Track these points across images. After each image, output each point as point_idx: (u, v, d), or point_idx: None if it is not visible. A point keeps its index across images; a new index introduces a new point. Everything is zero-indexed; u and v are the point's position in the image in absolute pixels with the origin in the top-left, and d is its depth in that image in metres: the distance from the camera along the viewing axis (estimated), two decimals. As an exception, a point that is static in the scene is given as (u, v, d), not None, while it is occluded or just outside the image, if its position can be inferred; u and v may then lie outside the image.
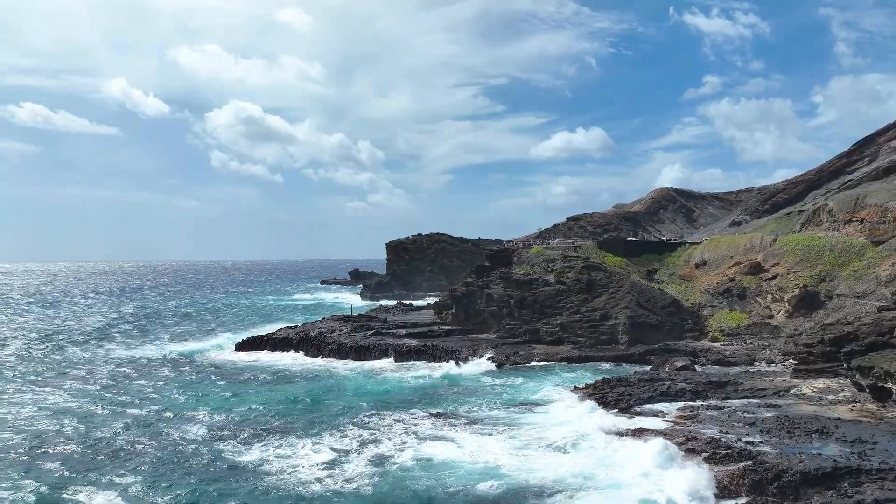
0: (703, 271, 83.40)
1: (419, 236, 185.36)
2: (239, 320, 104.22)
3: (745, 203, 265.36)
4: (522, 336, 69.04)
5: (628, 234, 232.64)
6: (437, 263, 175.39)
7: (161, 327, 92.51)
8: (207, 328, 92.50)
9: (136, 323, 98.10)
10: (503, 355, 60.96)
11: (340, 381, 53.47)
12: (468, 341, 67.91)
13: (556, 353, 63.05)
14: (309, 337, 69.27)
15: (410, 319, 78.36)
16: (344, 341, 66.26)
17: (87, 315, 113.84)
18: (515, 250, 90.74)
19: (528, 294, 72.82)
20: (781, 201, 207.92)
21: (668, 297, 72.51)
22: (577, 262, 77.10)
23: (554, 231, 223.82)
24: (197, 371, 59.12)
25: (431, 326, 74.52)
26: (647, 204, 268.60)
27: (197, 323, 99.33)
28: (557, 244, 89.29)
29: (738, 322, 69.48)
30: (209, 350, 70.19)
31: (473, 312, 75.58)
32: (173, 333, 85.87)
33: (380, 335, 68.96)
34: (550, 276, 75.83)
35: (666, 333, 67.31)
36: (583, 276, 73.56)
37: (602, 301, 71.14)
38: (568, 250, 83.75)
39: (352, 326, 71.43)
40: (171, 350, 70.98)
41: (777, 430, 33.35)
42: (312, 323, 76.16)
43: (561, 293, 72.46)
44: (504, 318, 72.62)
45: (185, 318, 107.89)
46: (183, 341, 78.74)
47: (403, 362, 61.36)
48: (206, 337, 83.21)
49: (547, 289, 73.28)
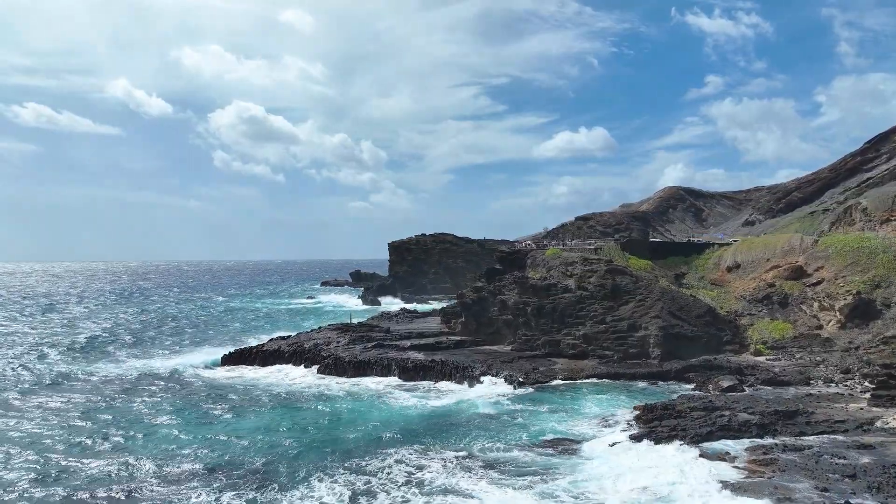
0: (737, 275, 75.97)
1: (423, 236, 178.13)
2: (231, 328, 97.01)
3: (754, 202, 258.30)
4: (541, 348, 61.74)
5: (639, 233, 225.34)
6: (442, 265, 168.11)
7: (148, 338, 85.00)
8: (197, 338, 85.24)
9: (124, 332, 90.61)
10: (521, 373, 53.66)
11: (335, 405, 46.15)
12: (480, 355, 60.63)
13: (581, 370, 55.74)
14: (303, 350, 62.07)
15: (416, 329, 71.09)
16: (342, 355, 59.02)
17: (79, 321, 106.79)
18: (529, 252, 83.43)
19: (547, 301, 65.52)
20: (796, 200, 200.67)
21: (702, 305, 65.13)
22: (600, 265, 69.75)
23: (562, 231, 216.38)
24: (175, 392, 51.95)
25: (439, 337, 67.22)
26: (656, 203, 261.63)
27: (186, 331, 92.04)
28: (576, 245, 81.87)
29: (782, 333, 62.08)
30: (194, 366, 62.90)
31: (485, 321, 68.27)
32: (160, 345, 78.60)
33: (381, 347, 61.71)
34: (570, 280, 68.52)
35: (703, 346, 59.96)
36: (607, 282, 66.23)
37: (629, 309, 63.79)
38: (587, 252, 76.38)
39: (350, 337, 64.17)
40: (154, 366, 63.75)
41: (889, 486, 26.04)
42: (307, 333, 68.91)
43: (583, 300, 65.13)
44: (520, 328, 65.32)
45: (175, 325, 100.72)
46: (169, 354, 71.54)
47: (408, 381, 54.11)
48: (193, 348, 76.08)
49: (567, 295, 65.95)
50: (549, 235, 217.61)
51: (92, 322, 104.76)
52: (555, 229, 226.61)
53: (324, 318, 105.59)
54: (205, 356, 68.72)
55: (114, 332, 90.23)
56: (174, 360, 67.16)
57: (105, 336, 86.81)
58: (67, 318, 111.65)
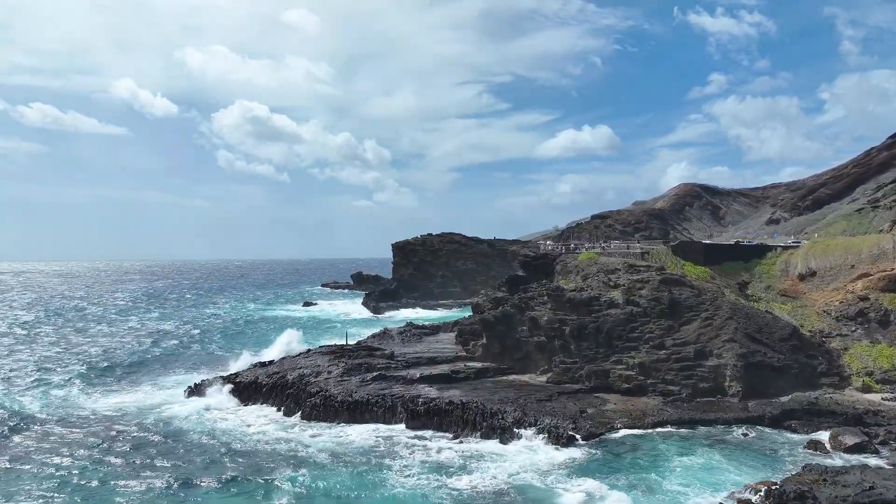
0: (813, 285, 63.01)
1: (429, 236, 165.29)
2: (213, 344, 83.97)
3: (772, 199, 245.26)
4: (585, 380, 48.99)
5: (659, 233, 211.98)
6: (451, 267, 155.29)
7: (116, 362, 70.84)
8: (171, 360, 72.16)
9: (91, 355, 77.17)
10: (567, 419, 40.86)
11: (315, 477, 33.24)
12: (510, 390, 47.87)
13: (643, 413, 42.96)
14: (285, 383, 49.35)
15: (425, 352, 58.27)
16: (333, 391, 46.25)
17: (58, 335, 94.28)
18: (558, 256, 70.58)
19: (589, 319, 52.68)
20: (824, 197, 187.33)
21: (785, 325, 52.23)
22: (651, 274, 56.90)
23: (578, 230, 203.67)
24: (119, 443, 39.42)
25: (455, 364, 54.43)
26: (672, 201, 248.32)
27: (157, 352, 78.16)
28: (616, 249, 68.93)
29: (892, 361, 49.17)
30: (156, 405, 50.09)
31: (512, 344, 55.47)
32: (124, 372, 65.20)
33: (384, 380, 48.93)
34: (615, 293, 55.68)
35: (792, 379, 47.14)
36: (662, 294, 53.39)
37: (694, 330, 50.95)
38: (632, 257, 63.48)
39: (345, 366, 51.31)
40: (107, 404, 50.97)
41: None
42: (293, 359, 56.09)
43: (634, 318, 52.29)
44: (556, 353, 52.53)
45: (149, 343, 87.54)
46: (130, 385, 58.63)
47: (418, 429, 41.40)
48: (162, 375, 63.40)
49: (614, 312, 53.10)
50: (563, 235, 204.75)
51: (56, 338, 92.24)
52: (570, 228, 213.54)
53: (318, 332, 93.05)
54: (169, 395, 56.14)
55: (80, 355, 76.86)
56: (137, 395, 54.32)
57: (73, 357, 74.14)
58: (44, 336, 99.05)
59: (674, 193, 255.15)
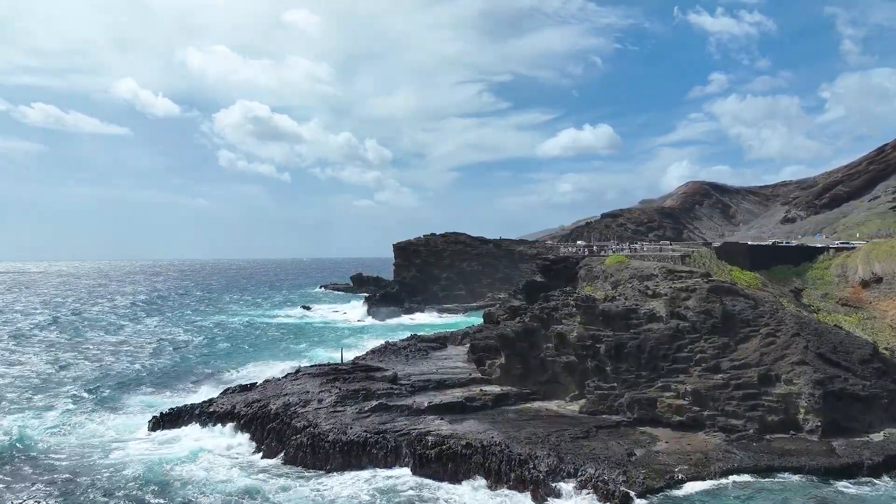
0: (880, 293, 54.81)
1: (432, 236, 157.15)
2: (193, 359, 75.51)
3: (782, 197, 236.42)
4: (626, 410, 40.88)
5: (673, 232, 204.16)
6: (455, 269, 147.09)
7: (83, 381, 62.57)
8: (144, 377, 63.89)
9: (55, 374, 68.90)
10: (615, 467, 32.69)
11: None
12: (537, 423, 39.74)
13: (706, 456, 34.80)
14: (267, 414, 41.21)
15: (434, 372, 50.09)
16: (324, 427, 38.11)
17: (48, 347, 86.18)
18: (581, 259, 62.40)
19: (628, 336, 44.52)
20: (842, 195, 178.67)
21: (864, 344, 44.06)
22: (696, 280, 48.68)
23: (588, 230, 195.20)
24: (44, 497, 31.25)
25: (469, 389, 46.26)
26: (681, 199, 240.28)
27: (135, 368, 69.98)
28: (650, 251, 60.72)
29: None
30: (109, 442, 41.99)
31: (536, 364, 47.30)
32: (86, 392, 57.01)
33: (385, 410, 40.78)
34: (655, 303, 47.47)
35: (882, 412, 38.95)
36: (713, 306, 45.19)
37: (754, 349, 42.74)
38: (670, 261, 55.27)
39: (340, 392, 43.12)
40: (51, 441, 42.86)
41: None
42: (279, 382, 47.87)
43: (681, 334, 44.09)
44: (589, 376, 44.37)
45: (129, 354, 79.66)
46: (91, 412, 50.40)
47: (427, 477, 33.32)
48: (125, 396, 55.27)
49: (656, 327, 44.91)
50: (572, 235, 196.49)
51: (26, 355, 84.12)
52: (578, 228, 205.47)
53: (313, 341, 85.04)
54: (133, 415, 48.12)
55: (61, 371, 68.08)
56: (93, 425, 46.21)
57: (36, 374, 66.02)
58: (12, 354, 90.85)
59: (682, 192, 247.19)
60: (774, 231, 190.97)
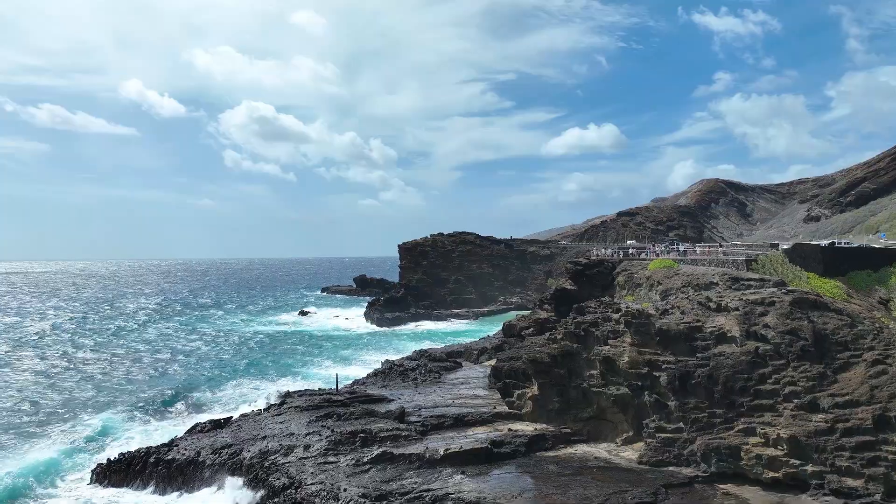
0: None
1: (440, 236, 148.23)
2: (168, 377, 66.33)
3: (800, 195, 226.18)
4: (700, 462, 31.73)
5: (693, 231, 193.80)
6: (464, 271, 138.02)
7: (43, 405, 54.07)
8: (103, 401, 55.04)
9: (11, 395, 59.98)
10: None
11: None
12: (585, 477, 30.61)
13: (826, 537, 25.58)
14: (238, 464, 32.17)
15: (449, 403, 40.93)
16: (310, 488, 29.01)
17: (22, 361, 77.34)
18: (618, 264, 53.27)
19: (695, 362, 35.33)
20: (868, 192, 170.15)
21: None
22: (774, 292, 39.47)
23: (603, 229, 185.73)
24: None
25: (495, 427, 37.17)
26: (696, 197, 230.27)
27: (87, 386, 61.01)
28: (702, 255, 51.42)
29: None
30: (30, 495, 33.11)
31: (577, 396, 38.14)
32: (34, 423, 48.26)
33: (390, 462, 31.69)
34: (722, 319, 38.26)
35: None
36: (800, 324, 35.96)
37: (860, 380, 33.48)
38: (732, 266, 46.01)
39: (333, 435, 34.03)
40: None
41: None
42: (258, 417, 38.77)
43: (762, 360, 34.90)
44: (647, 413, 35.24)
45: (101, 369, 70.82)
46: (27, 438, 41.57)
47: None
48: (82, 417, 46.47)
49: (728, 350, 35.73)
50: (586, 235, 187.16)
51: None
52: (593, 226, 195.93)
53: (310, 353, 76.15)
54: (81, 452, 39.19)
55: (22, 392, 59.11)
56: (22, 459, 37.38)
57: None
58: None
59: (697, 189, 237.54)
60: (798, 230, 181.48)
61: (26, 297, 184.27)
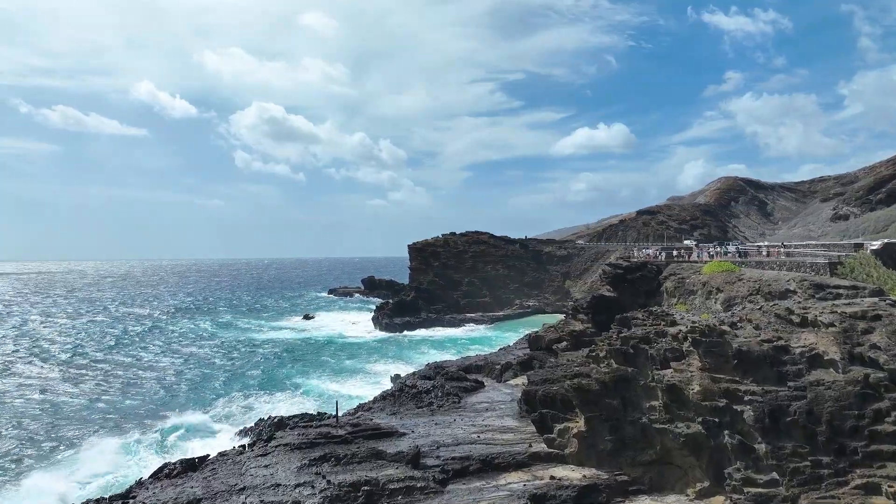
0: None
1: (452, 236, 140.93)
2: (148, 396, 59.31)
3: (821, 193, 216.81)
4: (807, 530, 24.12)
5: (717, 230, 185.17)
6: (478, 272, 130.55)
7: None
8: (70, 428, 48.14)
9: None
10: None
11: None
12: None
13: None
14: (205, 529, 24.91)
15: (475, 440, 33.53)
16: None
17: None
18: (664, 266, 45.65)
19: (786, 393, 27.78)
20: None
21: None
22: (876, 303, 31.84)
23: (622, 228, 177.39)
24: None
25: (531, 471, 29.74)
26: (716, 195, 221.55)
27: (63, 422, 54.20)
28: (767, 257, 43.69)
29: None
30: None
31: (635, 434, 30.58)
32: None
33: (401, 527, 24.26)
34: (813, 336, 30.58)
35: None
36: (918, 345, 28.26)
37: None
38: (810, 270, 38.31)
39: (329, 488, 26.79)
40: None
41: None
42: (236, 458, 31.66)
43: (874, 391, 27.31)
44: (729, 460, 27.70)
45: (82, 391, 64.04)
46: None
47: None
48: (43, 448, 39.39)
49: (828, 378, 28.14)
50: (605, 235, 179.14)
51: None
52: (611, 225, 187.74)
53: (307, 367, 69.04)
54: (32, 497, 32.14)
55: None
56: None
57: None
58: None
59: (716, 188, 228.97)
60: (825, 229, 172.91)
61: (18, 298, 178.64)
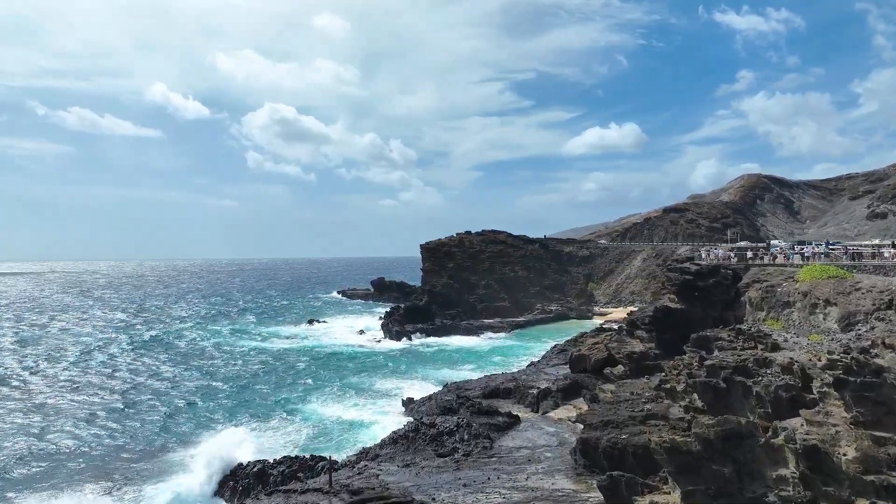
0: None
1: (467, 235, 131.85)
2: (134, 424, 50.93)
3: (849, 191, 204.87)
4: None
5: (749, 229, 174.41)
6: (495, 274, 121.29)
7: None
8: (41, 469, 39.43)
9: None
10: None
11: None
12: None
13: None
14: None
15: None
16: None
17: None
18: (743, 272, 36.24)
19: None
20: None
21: None
22: None
23: (648, 227, 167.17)
24: None
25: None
26: (740, 193, 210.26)
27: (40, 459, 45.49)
28: (883, 260, 34.20)
29: None
30: None
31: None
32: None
33: None
34: None
35: None
36: None
37: None
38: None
39: None
40: None
41: None
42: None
43: None
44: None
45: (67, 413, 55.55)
46: None
47: None
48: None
49: None
50: (628, 234, 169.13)
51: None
52: (636, 224, 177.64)
53: (306, 384, 60.20)
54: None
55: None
56: None
57: None
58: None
59: (740, 185, 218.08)
60: (862, 228, 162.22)
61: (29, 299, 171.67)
